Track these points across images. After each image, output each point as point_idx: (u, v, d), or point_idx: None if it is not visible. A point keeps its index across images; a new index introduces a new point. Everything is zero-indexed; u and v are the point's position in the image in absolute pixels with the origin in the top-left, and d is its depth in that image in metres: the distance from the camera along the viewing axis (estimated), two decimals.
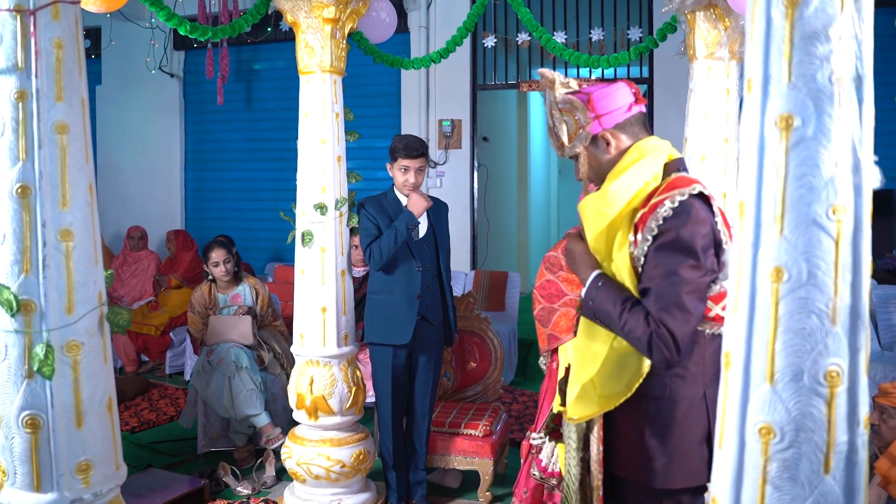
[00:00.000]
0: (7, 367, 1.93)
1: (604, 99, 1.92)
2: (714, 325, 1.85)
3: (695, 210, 1.77)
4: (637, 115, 1.96)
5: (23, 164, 1.88)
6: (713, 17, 3.06)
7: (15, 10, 1.86)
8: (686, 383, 1.86)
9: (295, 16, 3.29)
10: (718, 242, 1.80)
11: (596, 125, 1.92)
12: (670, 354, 1.74)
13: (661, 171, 1.88)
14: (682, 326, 1.73)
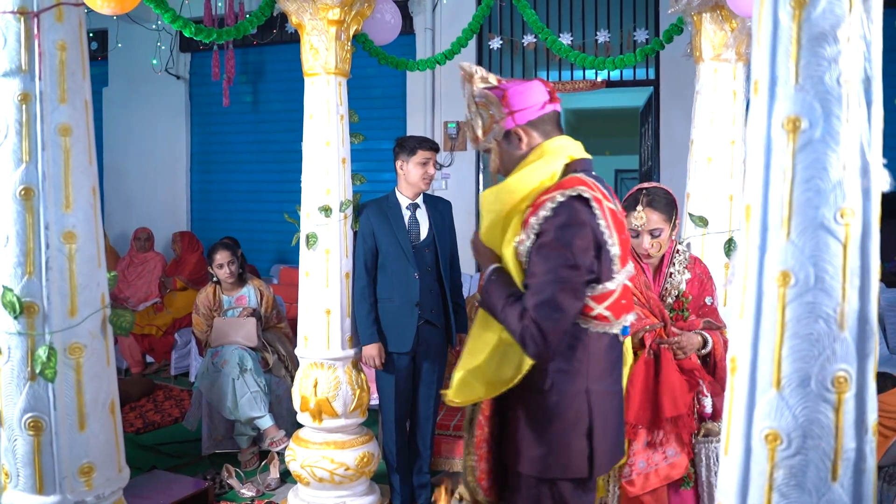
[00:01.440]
0: (10, 369, 1.93)
1: (518, 95, 1.96)
2: (599, 324, 1.91)
3: (573, 211, 1.81)
4: (550, 113, 1.99)
5: (26, 167, 1.88)
6: (720, 18, 3.04)
7: (19, 12, 1.86)
8: (569, 378, 1.91)
9: (300, 17, 3.29)
10: (600, 243, 1.84)
11: (509, 121, 1.96)
12: (540, 349, 1.80)
13: (560, 171, 1.92)
14: (554, 323, 1.79)
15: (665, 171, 6.44)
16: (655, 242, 2.48)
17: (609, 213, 1.88)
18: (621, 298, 1.92)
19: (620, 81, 6.71)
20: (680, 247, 2.58)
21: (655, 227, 2.47)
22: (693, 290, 2.54)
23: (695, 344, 2.46)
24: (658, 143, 6.51)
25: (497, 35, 6.75)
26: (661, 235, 2.48)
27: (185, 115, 7.75)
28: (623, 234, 1.92)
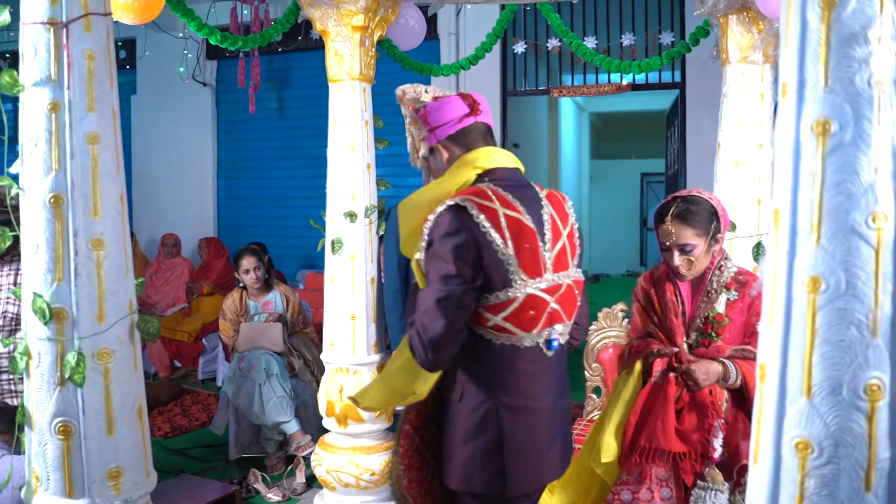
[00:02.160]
0: (40, 375, 1.95)
1: (434, 112, 1.99)
2: (502, 336, 1.87)
3: (450, 220, 1.81)
4: (472, 125, 1.99)
5: (55, 175, 1.90)
6: (746, 20, 3.01)
7: (48, 22, 1.89)
8: (477, 391, 1.90)
9: (324, 24, 3.31)
10: (482, 253, 1.81)
11: (431, 138, 2.01)
12: (423, 358, 1.81)
13: (468, 182, 1.93)
14: (433, 333, 1.78)
15: (692, 174, 6.38)
16: (685, 259, 2.26)
17: (506, 220, 1.84)
18: (529, 309, 1.85)
19: (646, 84, 6.67)
20: (726, 262, 2.33)
21: (686, 242, 2.25)
22: (737, 314, 2.27)
23: (712, 374, 2.21)
24: (684, 146, 6.46)
25: (521, 39, 6.74)
26: (693, 251, 2.25)
27: (211, 122, 7.83)
28: (527, 242, 1.86)
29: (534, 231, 1.88)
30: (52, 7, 1.88)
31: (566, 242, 1.95)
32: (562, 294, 1.92)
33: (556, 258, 1.91)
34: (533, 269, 1.86)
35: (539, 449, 1.93)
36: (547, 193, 2.00)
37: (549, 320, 1.90)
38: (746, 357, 2.24)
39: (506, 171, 1.95)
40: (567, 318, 1.96)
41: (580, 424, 3.78)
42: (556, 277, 1.90)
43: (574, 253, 1.98)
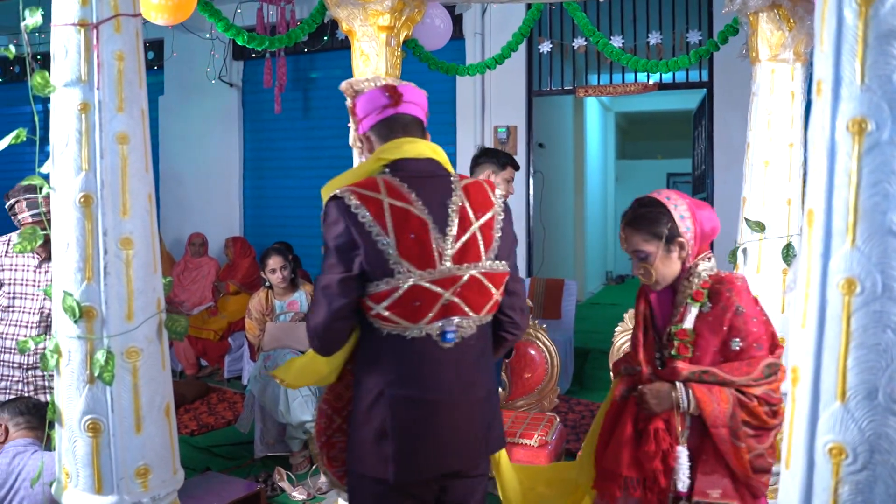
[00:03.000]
0: (70, 372, 1.97)
1: (361, 104, 2.01)
2: (387, 325, 1.87)
3: (330, 211, 1.87)
4: (391, 116, 1.97)
5: (85, 174, 1.92)
6: (777, 17, 2.97)
7: (79, 24, 1.91)
8: (366, 377, 1.93)
9: (350, 24, 3.31)
10: (357, 242, 1.82)
11: (360, 128, 2.05)
12: (313, 343, 1.92)
13: (373, 172, 1.96)
14: (315, 319, 1.88)
15: (719, 174, 6.32)
16: (642, 267, 2.14)
17: (391, 211, 1.83)
18: (414, 300, 1.82)
19: (673, 84, 6.62)
20: (697, 269, 2.10)
21: (637, 248, 2.14)
22: (705, 327, 2.05)
23: (663, 399, 2.05)
24: (712, 146, 6.40)
25: (547, 39, 6.71)
26: (648, 259, 2.12)
27: (237, 122, 7.89)
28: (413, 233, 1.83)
29: (425, 222, 1.85)
30: (82, 8, 1.90)
31: (477, 233, 1.90)
32: (463, 286, 1.87)
33: (461, 249, 1.87)
34: (420, 260, 1.83)
35: (436, 439, 1.88)
36: (466, 184, 1.95)
37: (443, 312, 1.86)
38: (705, 381, 2.01)
39: (413, 161, 1.93)
40: (473, 312, 1.90)
41: None
42: (456, 269, 1.86)
43: (489, 244, 1.91)
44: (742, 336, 2.02)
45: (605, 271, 13.49)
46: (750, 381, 2.00)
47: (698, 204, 2.16)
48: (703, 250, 2.13)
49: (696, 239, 2.10)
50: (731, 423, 1.99)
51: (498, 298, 1.96)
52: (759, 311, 2.07)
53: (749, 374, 2.00)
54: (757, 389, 2.00)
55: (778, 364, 2.02)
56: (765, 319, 2.07)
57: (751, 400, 2.00)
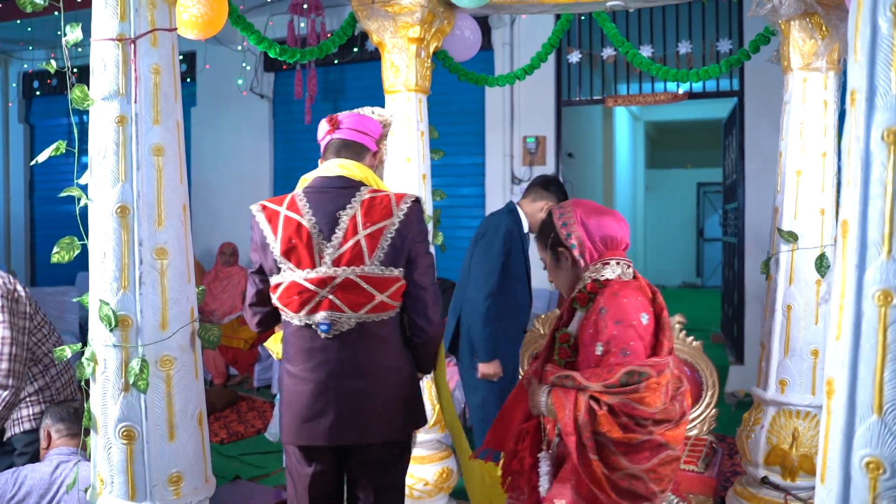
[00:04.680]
0: (105, 380, 2.00)
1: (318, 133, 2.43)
2: (283, 313, 2.25)
3: (251, 221, 2.29)
4: (329, 142, 2.38)
5: (122, 186, 1.96)
6: (809, 26, 2.94)
7: (117, 38, 1.95)
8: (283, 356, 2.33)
9: (381, 36, 3.34)
10: (263, 245, 2.24)
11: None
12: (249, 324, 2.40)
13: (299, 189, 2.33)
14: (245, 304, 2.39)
15: (750, 184, 6.25)
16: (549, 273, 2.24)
17: (284, 220, 2.21)
18: (293, 294, 2.16)
19: (703, 93, 6.57)
20: (586, 274, 2.10)
21: (540, 256, 2.26)
22: (583, 332, 2.02)
23: (534, 401, 2.04)
24: (742, 155, 6.34)
25: (576, 49, 6.71)
26: (547, 266, 2.23)
27: (268, 133, 7.97)
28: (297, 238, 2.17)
29: (307, 229, 2.17)
30: (120, 24, 1.95)
31: (362, 240, 2.15)
32: (337, 286, 2.15)
33: (345, 254, 2.15)
34: (302, 261, 2.16)
35: (305, 414, 2.21)
36: (367, 198, 2.21)
37: (320, 306, 2.16)
38: (565, 385, 1.95)
39: (322, 179, 2.27)
40: (349, 309, 2.16)
41: None
42: (334, 270, 2.15)
43: (373, 251, 2.15)
44: (604, 339, 1.93)
45: None
46: (604, 389, 1.86)
47: (598, 212, 2.14)
48: (605, 256, 2.10)
49: (587, 247, 2.10)
50: (580, 432, 1.85)
51: (385, 300, 2.18)
52: (629, 315, 1.93)
53: (606, 380, 1.87)
54: (612, 398, 1.85)
55: (644, 373, 1.84)
56: (633, 324, 1.92)
57: (600, 408, 1.84)
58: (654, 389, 1.84)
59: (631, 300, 1.97)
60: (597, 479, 1.83)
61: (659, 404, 1.84)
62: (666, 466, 1.85)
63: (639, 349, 1.91)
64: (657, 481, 1.84)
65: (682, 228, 14.52)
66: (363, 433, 2.22)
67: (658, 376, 1.85)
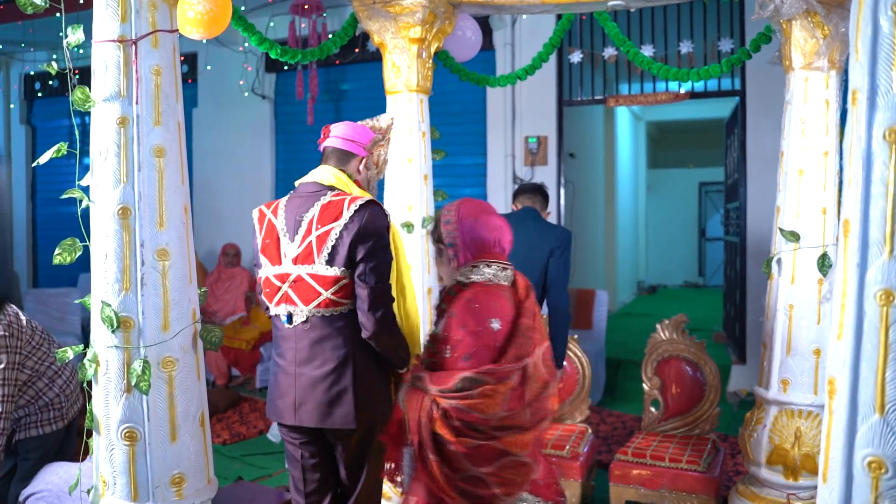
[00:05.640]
0: (107, 381, 2.01)
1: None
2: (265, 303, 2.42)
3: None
4: (322, 151, 2.57)
5: (124, 187, 1.96)
6: (811, 25, 2.93)
7: (118, 40, 1.95)
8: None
9: (382, 37, 3.34)
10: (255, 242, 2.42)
11: None
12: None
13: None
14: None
15: (752, 183, 6.25)
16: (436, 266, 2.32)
17: (267, 222, 2.39)
18: (266, 287, 2.36)
19: (705, 92, 6.56)
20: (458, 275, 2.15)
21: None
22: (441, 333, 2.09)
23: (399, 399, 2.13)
24: (744, 154, 6.33)
25: (577, 49, 6.70)
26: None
27: (270, 134, 7.97)
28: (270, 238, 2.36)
29: (277, 230, 2.35)
30: (122, 25, 1.95)
31: (314, 241, 2.29)
32: (292, 282, 2.31)
33: (301, 253, 2.29)
34: (272, 259, 2.34)
35: (275, 392, 2.39)
36: (326, 202, 2.34)
37: (282, 299, 2.33)
38: (416, 386, 2.03)
39: (305, 185, 2.44)
40: (302, 304, 2.31)
41: (638, 437, 3.72)
42: (290, 268, 2.31)
43: (321, 250, 2.28)
44: (451, 343, 1.96)
45: (636, 281, 13.39)
46: (440, 393, 1.91)
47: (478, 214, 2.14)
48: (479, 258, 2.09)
49: (461, 248, 2.12)
50: (421, 432, 1.91)
51: (329, 297, 2.29)
52: (475, 321, 1.95)
53: (444, 384, 1.91)
54: (447, 402, 1.88)
55: (479, 381, 1.86)
56: (478, 330, 1.94)
57: (436, 411, 1.89)
58: (489, 396, 1.85)
59: (482, 306, 1.98)
60: (436, 478, 1.88)
61: (498, 411, 1.85)
62: (509, 471, 1.87)
63: (482, 355, 1.92)
64: (500, 484, 1.86)
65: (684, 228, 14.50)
66: (316, 417, 2.35)
67: (496, 384, 1.85)
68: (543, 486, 2.00)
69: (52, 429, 2.87)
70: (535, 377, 1.92)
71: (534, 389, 1.92)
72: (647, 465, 3.48)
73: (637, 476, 3.48)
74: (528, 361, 1.91)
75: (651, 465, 3.47)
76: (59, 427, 2.90)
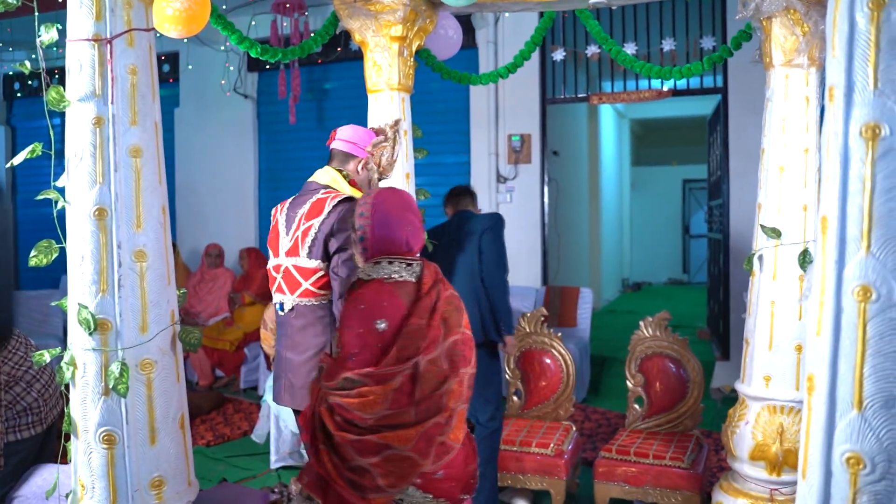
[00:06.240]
0: (85, 384, 1.98)
1: None
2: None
3: None
4: (330, 151, 2.78)
5: (100, 188, 1.94)
6: (790, 22, 2.94)
7: (93, 39, 1.93)
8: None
9: (363, 35, 3.33)
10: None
11: None
12: None
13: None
14: None
15: (735, 180, 6.28)
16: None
17: (274, 219, 2.63)
18: (271, 277, 2.60)
19: (687, 90, 6.59)
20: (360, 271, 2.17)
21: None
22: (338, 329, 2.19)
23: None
24: (727, 152, 6.36)
25: (560, 46, 6.71)
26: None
27: (253, 134, 7.93)
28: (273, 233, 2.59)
29: (279, 225, 2.59)
30: (96, 24, 1.92)
31: (299, 235, 2.48)
32: (283, 272, 2.54)
33: (291, 246, 2.51)
34: (274, 251, 2.59)
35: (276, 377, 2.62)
36: (315, 199, 2.52)
37: (277, 289, 2.56)
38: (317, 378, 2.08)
39: (308, 184, 2.64)
40: (289, 293, 2.51)
41: (622, 435, 3.73)
42: (283, 260, 2.53)
43: (303, 244, 2.47)
44: (341, 342, 1.98)
45: (621, 279, 13.44)
46: (326, 388, 1.94)
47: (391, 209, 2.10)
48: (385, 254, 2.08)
49: (371, 241, 2.08)
50: (313, 422, 1.96)
51: (309, 288, 2.47)
52: (360, 321, 1.96)
53: (330, 380, 1.94)
54: (332, 398, 1.91)
55: (358, 382, 1.89)
56: (361, 331, 1.95)
57: (325, 404, 1.92)
58: (366, 397, 1.86)
59: (368, 307, 1.96)
60: (325, 465, 1.92)
61: (378, 410, 1.86)
62: (392, 464, 1.88)
63: (364, 356, 1.92)
64: (384, 476, 1.88)
65: (669, 225, 14.57)
66: (298, 400, 2.48)
67: (374, 385, 1.87)
68: (442, 480, 1.98)
69: (30, 433, 2.84)
70: (428, 375, 1.91)
71: (427, 387, 1.91)
72: (631, 463, 3.48)
73: (621, 473, 3.49)
74: (419, 360, 1.90)
75: (635, 462, 3.47)
76: (37, 432, 2.87)
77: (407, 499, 1.96)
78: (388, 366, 1.88)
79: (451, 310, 2.01)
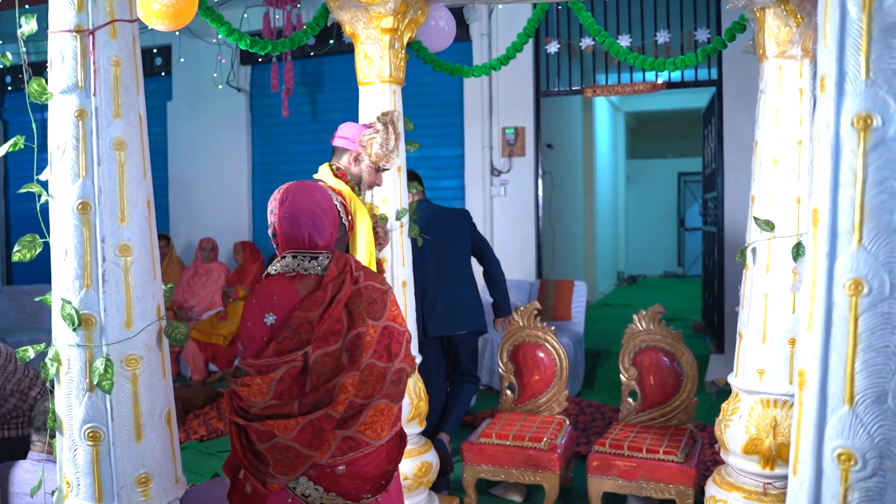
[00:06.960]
0: (70, 380, 1.96)
1: None
2: None
3: None
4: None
5: (83, 181, 1.91)
6: (784, 13, 2.92)
7: (75, 30, 1.90)
8: None
9: (354, 27, 3.29)
10: None
11: None
12: None
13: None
14: None
15: (729, 173, 6.27)
16: None
17: None
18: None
19: (682, 82, 6.57)
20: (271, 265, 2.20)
21: None
22: None
23: None
24: (722, 144, 6.34)
25: (554, 39, 6.68)
26: None
27: (246, 127, 7.89)
28: None
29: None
30: (78, 15, 1.89)
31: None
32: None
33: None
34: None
35: None
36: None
37: None
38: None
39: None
40: None
41: (616, 429, 3.71)
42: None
43: None
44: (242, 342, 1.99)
45: (616, 272, 13.43)
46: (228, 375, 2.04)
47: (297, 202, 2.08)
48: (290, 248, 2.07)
49: (279, 235, 2.08)
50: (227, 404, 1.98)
51: None
52: (247, 314, 1.97)
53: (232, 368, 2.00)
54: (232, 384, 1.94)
55: (244, 371, 1.91)
56: (248, 325, 1.96)
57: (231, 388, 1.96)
58: (248, 386, 1.89)
59: (258, 301, 1.96)
60: (234, 445, 1.96)
61: (261, 399, 1.89)
62: (279, 452, 1.90)
63: (251, 348, 1.95)
64: (274, 464, 1.91)
65: (664, 218, 14.57)
66: None
67: (257, 375, 1.90)
68: (343, 476, 1.98)
69: (17, 433, 2.82)
70: (319, 368, 1.92)
71: (318, 379, 1.92)
72: (624, 457, 3.47)
73: (615, 467, 3.48)
74: (307, 352, 1.91)
75: (629, 456, 3.46)
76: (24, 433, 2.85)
77: (299, 488, 1.98)
78: (268, 357, 1.90)
79: (359, 302, 1.99)
